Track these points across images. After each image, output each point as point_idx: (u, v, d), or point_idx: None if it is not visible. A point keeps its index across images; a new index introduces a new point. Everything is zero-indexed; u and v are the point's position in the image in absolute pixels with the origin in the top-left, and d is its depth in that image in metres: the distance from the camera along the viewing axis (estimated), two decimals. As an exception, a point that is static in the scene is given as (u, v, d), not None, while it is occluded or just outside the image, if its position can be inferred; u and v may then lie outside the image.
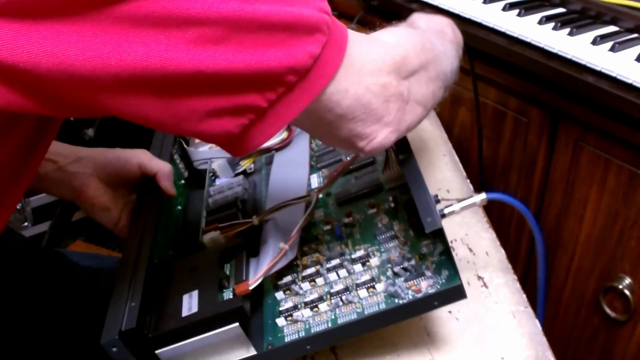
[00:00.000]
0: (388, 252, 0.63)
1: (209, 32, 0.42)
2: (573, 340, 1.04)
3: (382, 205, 0.69)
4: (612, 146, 0.90)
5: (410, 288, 0.58)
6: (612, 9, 1.01)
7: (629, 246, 0.92)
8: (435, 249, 0.61)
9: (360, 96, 0.52)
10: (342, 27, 0.51)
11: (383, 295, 0.59)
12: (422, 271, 0.59)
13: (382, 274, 0.61)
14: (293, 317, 0.60)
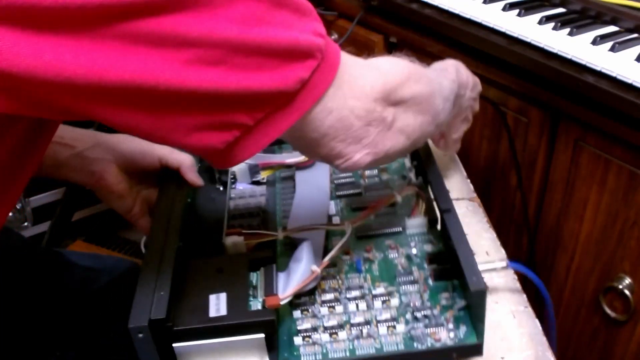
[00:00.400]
0: (407, 295, 0.65)
1: (206, 54, 0.44)
2: (573, 340, 1.04)
3: (401, 248, 0.72)
4: (612, 146, 0.90)
5: (431, 335, 0.61)
6: (612, 9, 1.01)
7: (629, 246, 0.92)
8: (456, 303, 0.64)
9: (343, 118, 0.53)
10: (335, 50, 0.53)
11: (402, 337, 0.61)
12: (441, 321, 0.62)
13: (402, 315, 0.63)
14: (311, 339, 0.61)
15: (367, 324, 0.62)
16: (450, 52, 1.09)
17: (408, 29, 1.16)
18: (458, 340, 0.60)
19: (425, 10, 1.11)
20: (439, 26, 1.09)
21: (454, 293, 0.65)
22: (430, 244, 0.72)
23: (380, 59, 0.61)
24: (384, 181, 0.83)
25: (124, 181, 0.76)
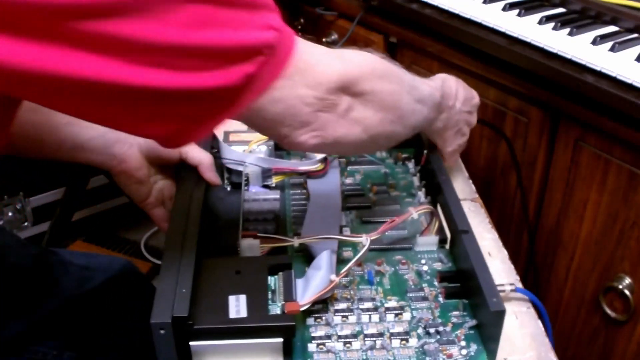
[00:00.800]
0: (419, 311, 0.66)
1: (148, 57, 0.45)
2: (573, 340, 1.04)
3: (412, 264, 0.73)
4: (612, 146, 0.90)
5: (442, 352, 0.62)
6: (612, 9, 1.01)
7: (629, 246, 0.92)
8: (466, 321, 0.65)
9: (290, 106, 0.54)
10: (289, 41, 0.53)
11: (415, 351, 0.62)
12: (452, 339, 0.63)
13: (414, 330, 0.64)
14: (325, 346, 0.62)
15: (380, 336, 0.63)
16: (450, 52, 1.09)
17: (408, 29, 1.16)
18: (469, 358, 0.62)
19: (425, 10, 1.11)
20: (439, 26, 1.09)
21: (464, 312, 0.66)
22: (439, 263, 0.73)
23: (348, 51, 0.61)
24: (393, 197, 0.84)
25: (144, 167, 0.76)
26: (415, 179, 0.87)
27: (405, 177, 0.88)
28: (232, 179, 0.82)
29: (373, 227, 0.76)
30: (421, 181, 0.85)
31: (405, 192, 0.85)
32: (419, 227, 0.78)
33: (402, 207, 0.82)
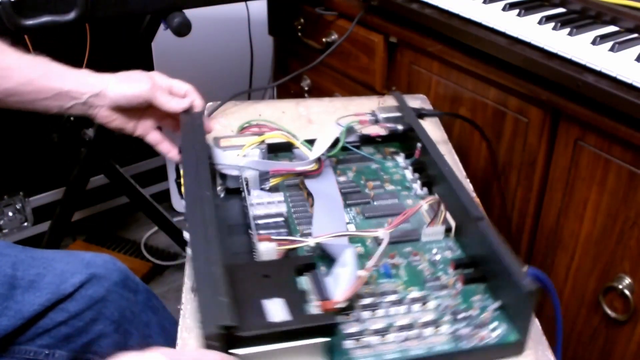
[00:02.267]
0: (441, 299, 0.68)
1: None
2: (573, 340, 1.04)
3: (424, 255, 0.74)
4: (612, 146, 0.90)
5: (474, 335, 0.63)
6: (612, 9, 1.01)
7: (629, 246, 0.92)
8: (489, 304, 0.67)
9: None
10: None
11: (448, 337, 0.63)
12: (480, 322, 0.64)
13: (441, 317, 0.65)
14: (360, 341, 0.62)
15: (411, 326, 0.64)
16: (450, 52, 1.09)
17: (408, 29, 1.16)
18: (500, 338, 0.63)
19: (425, 10, 1.11)
20: (439, 26, 1.09)
21: (485, 295, 0.68)
22: (449, 251, 0.74)
23: None
24: (389, 191, 0.85)
25: (118, 117, 0.87)
26: (408, 172, 0.88)
27: (397, 171, 0.89)
28: (227, 185, 0.82)
29: (377, 221, 0.78)
30: (414, 173, 0.86)
31: (399, 185, 0.86)
32: (420, 218, 0.78)
33: (399, 200, 0.83)
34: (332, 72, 1.39)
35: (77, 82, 0.84)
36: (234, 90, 1.09)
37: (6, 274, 0.84)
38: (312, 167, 0.81)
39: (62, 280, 0.86)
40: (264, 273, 0.63)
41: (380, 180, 0.87)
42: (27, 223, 1.64)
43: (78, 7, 1.03)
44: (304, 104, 1.10)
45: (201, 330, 0.54)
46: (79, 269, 0.89)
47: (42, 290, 0.85)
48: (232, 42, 1.87)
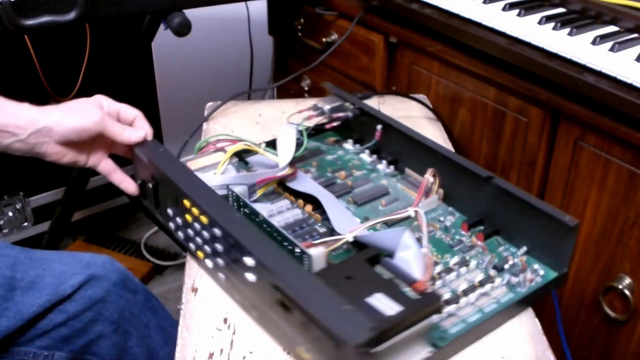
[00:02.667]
0: (477, 257, 0.72)
1: None
2: (573, 340, 1.04)
3: (435, 224, 0.77)
4: (612, 146, 0.90)
5: (525, 280, 0.69)
6: (612, 9, 1.01)
7: (629, 246, 0.92)
8: (515, 251, 0.73)
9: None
10: None
11: (506, 288, 0.68)
12: (521, 268, 0.70)
13: (488, 273, 0.70)
14: (442, 312, 0.63)
15: (473, 288, 0.67)
16: (450, 52, 1.09)
17: (408, 29, 1.16)
18: (544, 277, 0.70)
19: (425, 10, 1.11)
20: (439, 26, 1.09)
21: (506, 245, 0.74)
22: (450, 216, 0.78)
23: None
24: (361, 176, 0.86)
25: (69, 152, 0.79)
26: (364, 156, 0.90)
27: (353, 158, 0.91)
28: None
29: (371, 206, 0.81)
30: (371, 155, 0.89)
31: (363, 170, 0.88)
32: (405, 194, 0.82)
33: (375, 182, 0.85)
34: (332, 72, 1.39)
35: (15, 117, 0.76)
36: (234, 90, 1.09)
37: (5, 275, 0.84)
38: (289, 171, 0.80)
39: (61, 281, 0.86)
40: (345, 275, 0.63)
41: (345, 169, 0.87)
42: (27, 223, 1.64)
43: (78, 7, 1.03)
44: (303, 104, 1.10)
45: (342, 341, 0.52)
46: (78, 270, 0.88)
47: (41, 292, 0.85)
48: (232, 42, 1.87)
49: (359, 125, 0.91)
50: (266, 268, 0.60)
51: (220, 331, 0.66)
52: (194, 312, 0.68)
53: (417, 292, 0.62)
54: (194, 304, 0.69)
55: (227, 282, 0.68)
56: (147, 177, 0.78)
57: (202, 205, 0.68)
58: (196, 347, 0.64)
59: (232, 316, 0.68)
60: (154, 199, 0.78)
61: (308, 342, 0.57)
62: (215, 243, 0.67)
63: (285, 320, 0.60)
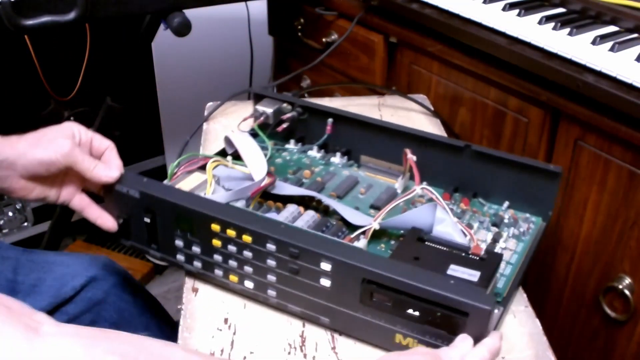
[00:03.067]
0: (473, 219, 0.79)
1: None
2: (573, 340, 1.04)
3: (422, 199, 0.81)
4: (612, 146, 0.90)
5: (523, 229, 0.77)
6: (612, 9, 1.01)
7: (629, 246, 0.92)
8: (500, 207, 0.81)
9: None
10: None
11: (513, 240, 0.75)
12: (512, 220, 0.78)
13: (489, 230, 0.77)
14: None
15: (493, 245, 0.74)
16: (450, 52, 1.09)
17: (408, 29, 1.16)
18: (537, 222, 0.78)
19: (425, 10, 1.11)
20: (439, 26, 1.09)
21: (490, 203, 0.81)
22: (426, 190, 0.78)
23: None
24: (326, 172, 0.87)
25: (36, 187, 0.73)
26: (312, 152, 0.91)
27: (301, 157, 0.91)
28: None
29: (352, 195, 0.83)
30: (320, 151, 0.91)
31: (320, 165, 0.89)
32: (372, 180, 0.86)
33: (339, 174, 0.87)
34: (332, 72, 1.39)
35: None
36: (234, 90, 1.09)
37: (7, 278, 0.83)
38: (271, 180, 0.78)
39: (62, 283, 0.86)
40: (413, 256, 0.66)
41: (302, 167, 0.88)
42: (27, 223, 1.64)
43: (78, 7, 1.03)
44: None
45: (479, 309, 0.56)
46: (79, 272, 0.88)
47: (43, 295, 0.84)
48: (232, 42, 1.87)
49: (299, 123, 0.91)
50: (354, 266, 0.60)
51: (220, 331, 0.66)
52: (194, 312, 0.68)
53: (476, 255, 0.66)
54: (195, 304, 0.69)
55: (279, 298, 0.66)
56: (135, 213, 0.71)
57: (243, 225, 0.64)
58: (197, 347, 0.64)
59: (232, 316, 0.68)
60: (147, 235, 0.72)
61: (408, 326, 0.60)
62: (263, 260, 0.65)
63: (374, 313, 0.61)
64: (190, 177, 0.78)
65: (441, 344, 0.59)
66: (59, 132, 0.71)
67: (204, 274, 0.70)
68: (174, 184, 0.76)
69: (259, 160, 0.79)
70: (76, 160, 0.70)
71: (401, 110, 1.09)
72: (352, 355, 0.64)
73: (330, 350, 0.64)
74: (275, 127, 0.90)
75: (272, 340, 0.65)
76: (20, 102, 1.59)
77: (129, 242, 0.74)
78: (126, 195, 0.70)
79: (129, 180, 0.71)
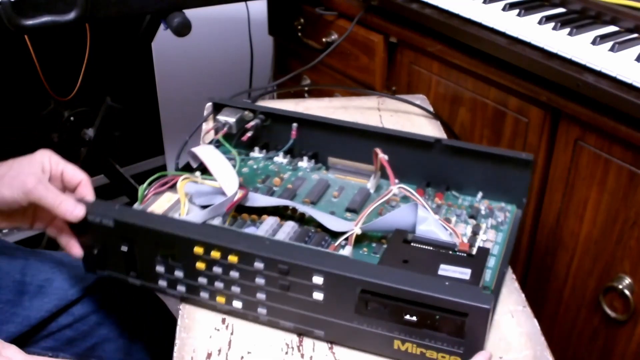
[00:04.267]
0: (450, 213, 0.79)
1: None
2: (573, 340, 1.04)
3: (396, 197, 0.81)
4: (612, 146, 0.90)
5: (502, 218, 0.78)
6: (612, 9, 1.01)
7: (629, 246, 0.91)
8: (474, 199, 0.81)
9: None
10: None
11: (493, 230, 0.76)
12: (488, 211, 0.79)
13: (469, 223, 0.77)
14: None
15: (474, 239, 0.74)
16: (450, 52, 1.09)
17: (408, 29, 1.16)
18: (513, 210, 0.79)
19: (425, 10, 1.11)
20: (439, 26, 1.09)
21: (462, 195, 0.82)
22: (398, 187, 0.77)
23: None
24: (296, 178, 0.86)
25: (4, 221, 0.72)
26: (278, 158, 0.90)
27: (267, 164, 0.89)
28: None
29: (326, 199, 0.82)
30: (285, 157, 0.89)
31: (288, 171, 0.88)
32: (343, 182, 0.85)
33: (309, 178, 0.86)
34: (332, 72, 1.39)
35: None
36: (234, 90, 1.09)
37: (15, 279, 0.83)
38: (243, 192, 0.76)
39: (69, 285, 0.85)
40: (402, 259, 0.66)
41: (271, 175, 0.86)
42: (28, 223, 1.64)
43: (78, 7, 1.03)
44: (303, 104, 1.10)
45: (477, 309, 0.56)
46: (87, 274, 0.88)
47: (50, 296, 0.84)
48: (232, 42, 1.87)
49: (262, 130, 0.89)
50: (348, 278, 0.59)
51: (218, 331, 0.66)
52: (192, 312, 0.68)
53: (464, 252, 0.66)
54: (193, 304, 0.69)
55: (270, 315, 0.65)
56: (110, 242, 0.69)
57: (227, 245, 0.63)
58: (194, 347, 0.64)
59: (230, 317, 0.68)
60: (125, 263, 0.69)
61: (406, 331, 0.60)
62: (252, 279, 0.63)
63: (371, 322, 0.61)
64: (162, 198, 0.75)
65: (440, 346, 0.59)
66: (26, 167, 0.69)
67: (189, 297, 0.69)
68: (146, 208, 0.73)
69: (229, 173, 0.77)
70: (40, 197, 0.67)
71: (401, 111, 1.09)
72: (349, 355, 0.63)
73: (328, 350, 0.64)
74: (240, 137, 0.88)
75: (269, 341, 0.65)
76: (20, 102, 1.59)
77: (105, 272, 0.72)
78: (99, 225, 0.68)
79: (101, 209, 0.68)
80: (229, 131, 0.88)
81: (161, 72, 1.74)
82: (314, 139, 0.88)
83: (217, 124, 0.88)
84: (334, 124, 0.85)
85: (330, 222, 0.74)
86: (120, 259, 0.69)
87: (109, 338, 0.90)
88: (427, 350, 0.60)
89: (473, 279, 0.62)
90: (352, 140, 0.85)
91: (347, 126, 0.85)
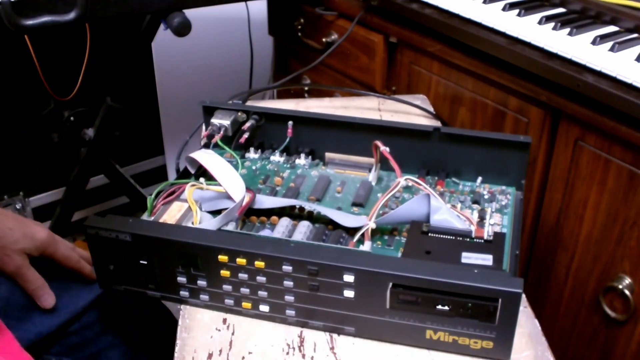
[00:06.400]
0: (453, 199, 0.79)
1: None
2: (573, 340, 1.04)
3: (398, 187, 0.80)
4: (612, 146, 0.90)
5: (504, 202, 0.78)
6: (612, 9, 1.01)
7: (629, 246, 0.92)
8: (474, 184, 0.81)
9: None
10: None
11: (499, 213, 0.75)
12: (490, 195, 0.79)
13: (473, 207, 0.76)
14: None
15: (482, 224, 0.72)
16: (450, 52, 1.09)
17: (408, 29, 1.16)
18: (513, 192, 0.79)
19: (425, 10, 1.11)
20: (439, 26, 1.09)
21: (464, 182, 0.81)
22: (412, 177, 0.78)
23: None
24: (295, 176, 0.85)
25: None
26: (275, 157, 0.88)
27: (265, 164, 0.88)
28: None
29: (330, 195, 0.82)
30: (282, 155, 0.88)
31: (286, 170, 0.87)
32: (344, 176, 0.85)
33: (309, 175, 0.85)
34: (332, 72, 1.39)
35: None
36: (234, 90, 1.09)
37: (25, 295, 0.82)
38: (252, 195, 0.75)
39: (79, 298, 0.85)
40: (425, 251, 0.66)
41: (270, 174, 0.86)
42: (27, 223, 1.64)
43: (78, 7, 1.03)
44: (303, 104, 1.10)
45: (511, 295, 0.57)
46: (95, 286, 0.88)
47: (59, 311, 0.83)
48: (232, 42, 1.87)
49: (257, 130, 0.89)
50: (380, 274, 0.59)
51: (219, 331, 0.66)
52: (193, 313, 0.68)
53: (480, 238, 0.67)
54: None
55: (299, 316, 0.65)
56: (127, 257, 0.68)
57: (254, 251, 0.63)
58: (195, 348, 0.64)
59: (231, 316, 0.68)
60: (143, 277, 0.69)
61: (438, 321, 0.60)
62: (279, 282, 0.63)
63: (402, 314, 0.61)
64: (171, 207, 0.74)
65: (472, 332, 0.60)
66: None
67: (212, 305, 0.68)
68: (158, 218, 0.72)
69: (233, 177, 0.76)
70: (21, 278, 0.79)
71: (401, 111, 1.09)
72: (350, 355, 0.63)
73: (329, 351, 0.64)
74: (238, 139, 0.87)
75: (270, 341, 0.65)
76: (20, 102, 1.59)
77: (121, 287, 0.71)
78: (116, 240, 0.66)
79: (116, 225, 0.66)
80: (225, 134, 0.87)
81: (161, 72, 1.74)
82: (310, 136, 0.87)
83: (212, 128, 0.88)
84: (329, 120, 0.85)
85: (343, 219, 0.74)
86: (138, 273, 0.68)
87: (114, 344, 0.89)
88: (460, 337, 0.60)
89: (496, 264, 0.63)
90: (348, 134, 0.84)
91: (342, 120, 0.85)
